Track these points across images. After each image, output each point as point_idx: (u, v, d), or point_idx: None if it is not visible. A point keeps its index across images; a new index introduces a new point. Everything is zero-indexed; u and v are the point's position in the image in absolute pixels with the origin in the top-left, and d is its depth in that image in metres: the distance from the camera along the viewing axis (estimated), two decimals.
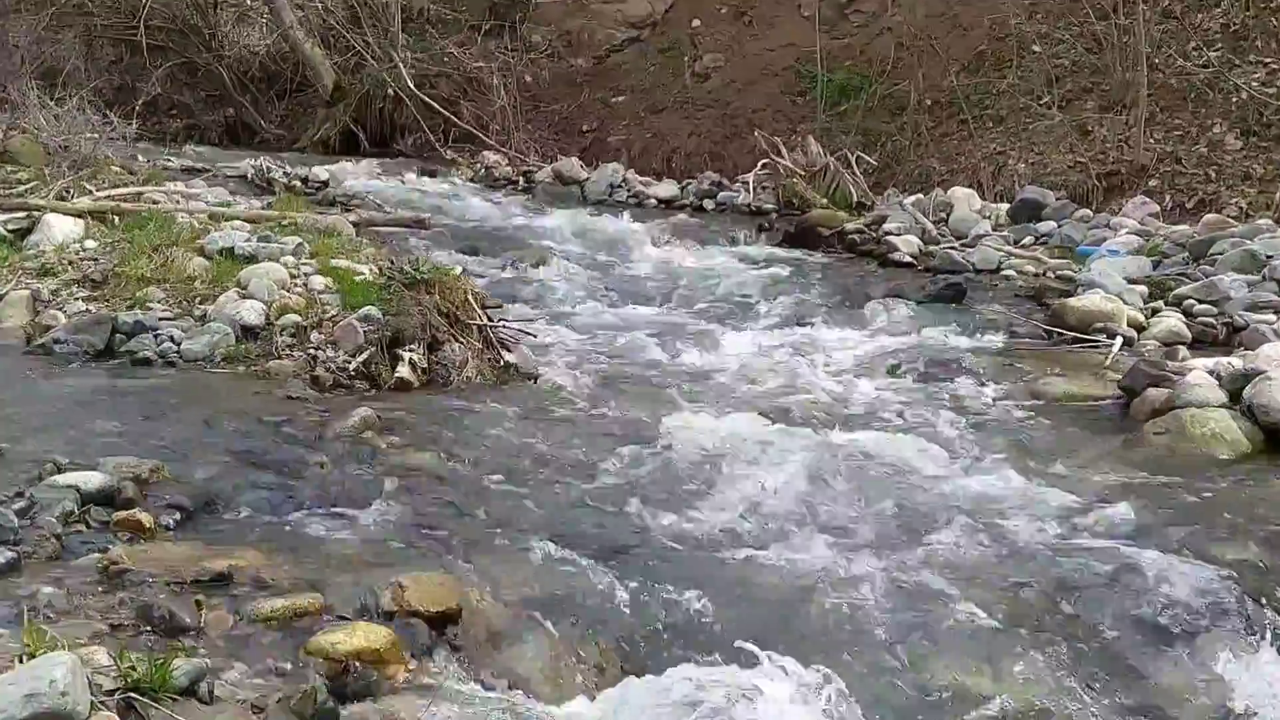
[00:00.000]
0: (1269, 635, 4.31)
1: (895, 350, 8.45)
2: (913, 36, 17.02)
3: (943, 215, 13.13)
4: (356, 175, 16.22)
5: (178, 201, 10.29)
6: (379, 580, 3.98)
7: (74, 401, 5.95)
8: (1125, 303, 8.95)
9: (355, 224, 10.49)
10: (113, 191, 10.03)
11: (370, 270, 7.89)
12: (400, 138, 19.85)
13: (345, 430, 5.76)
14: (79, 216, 8.95)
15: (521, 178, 17.70)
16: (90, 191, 9.90)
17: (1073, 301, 9.05)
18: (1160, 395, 6.75)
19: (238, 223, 9.13)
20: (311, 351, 6.92)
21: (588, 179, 17.01)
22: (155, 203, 9.96)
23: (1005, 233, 12.46)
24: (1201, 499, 5.54)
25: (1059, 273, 10.71)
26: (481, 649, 3.80)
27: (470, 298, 7.64)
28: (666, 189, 16.63)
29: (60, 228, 8.69)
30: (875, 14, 18.39)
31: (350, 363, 6.84)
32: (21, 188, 9.93)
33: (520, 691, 3.62)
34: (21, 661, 3.02)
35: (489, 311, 7.89)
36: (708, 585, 4.38)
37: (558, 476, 5.51)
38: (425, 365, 7.04)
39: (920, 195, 13.98)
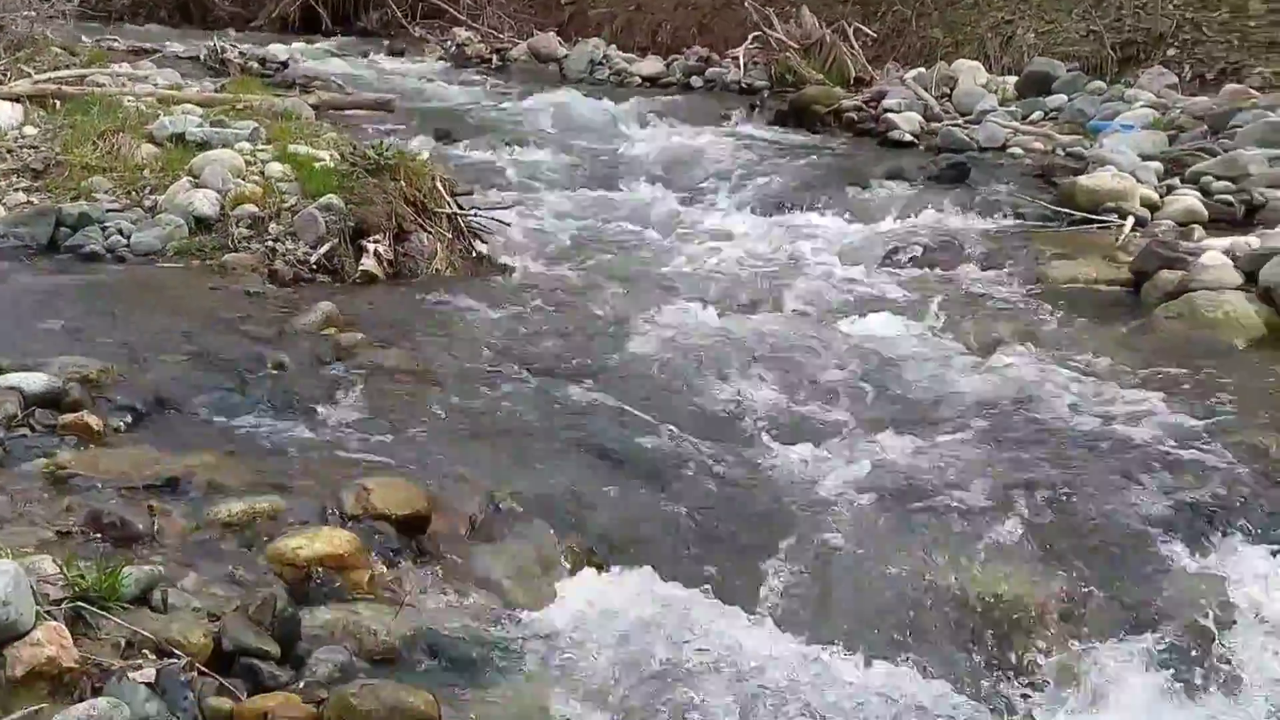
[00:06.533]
0: None
1: (895, 234, 8.45)
2: None
3: (946, 90, 13.03)
4: (317, 55, 16.02)
5: (124, 84, 10.14)
6: (342, 483, 3.98)
7: (15, 299, 5.91)
8: (1138, 180, 8.90)
9: (315, 107, 10.39)
10: (53, 74, 9.87)
11: (331, 156, 7.80)
12: (364, 14, 19.64)
13: (306, 326, 5.75)
14: (16, 101, 8.82)
15: (495, 56, 17.57)
16: (29, 74, 9.74)
17: (1083, 180, 8.99)
18: (1173, 278, 6.77)
19: (189, 107, 9.01)
20: (270, 244, 6.87)
21: (566, 56, 16.87)
22: (100, 86, 9.81)
23: (1013, 108, 12.40)
24: (1215, 385, 5.54)
25: (1069, 150, 10.64)
26: (452, 553, 3.81)
27: (439, 184, 7.60)
28: (651, 66, 16.47)
29: None
30: None
31: (311, 255, 6.81)
32: None
33: (492, 595, 3.64)
34: None
35: (459, 199, 7.84)
36: (693, 487, 4.41)
37: (533, 374, 5.49)
38: (391, 257, 7.03)
39: (922, 69, 13.87)
